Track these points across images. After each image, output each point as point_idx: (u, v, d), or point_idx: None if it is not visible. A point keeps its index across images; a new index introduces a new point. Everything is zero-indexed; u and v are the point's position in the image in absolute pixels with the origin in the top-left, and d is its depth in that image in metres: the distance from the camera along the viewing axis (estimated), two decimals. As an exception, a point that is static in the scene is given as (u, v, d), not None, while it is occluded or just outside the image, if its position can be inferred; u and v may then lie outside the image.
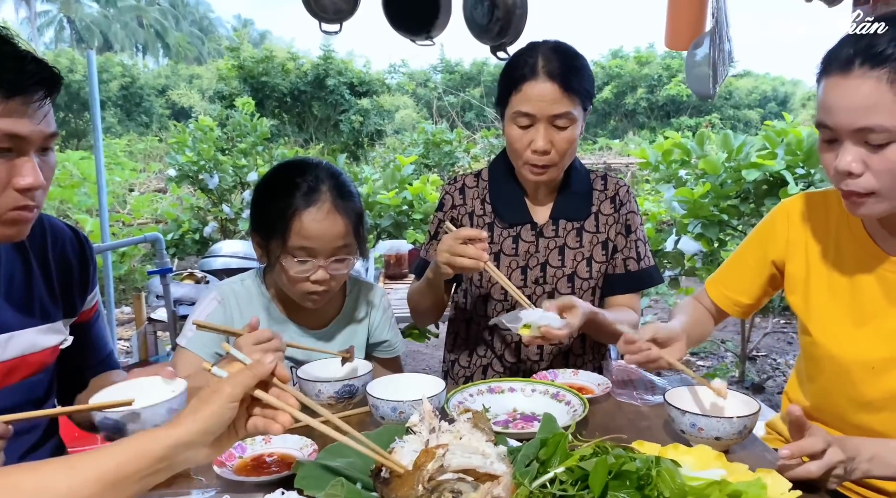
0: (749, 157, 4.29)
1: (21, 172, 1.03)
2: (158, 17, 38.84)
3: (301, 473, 1.03)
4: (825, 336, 1.29)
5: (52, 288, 1.27)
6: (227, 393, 0.86)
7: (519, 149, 1.62)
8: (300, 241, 1.46)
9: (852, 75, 1.06)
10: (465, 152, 8.96)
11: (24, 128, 1.01)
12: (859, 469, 1.07)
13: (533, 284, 1.74)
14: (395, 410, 1.25)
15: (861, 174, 1.09)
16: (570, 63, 1.58)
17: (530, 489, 0.94)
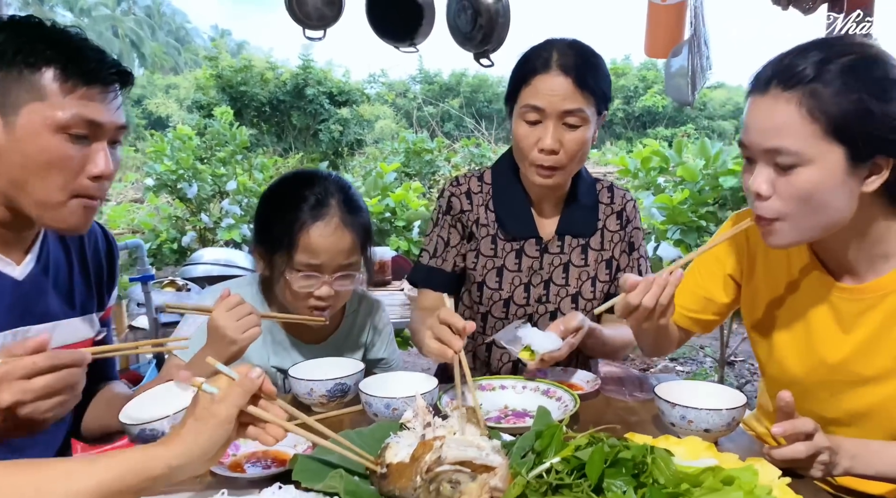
0: (726, 164, 4.37)
1: (95, 159, 1.09)
2: (134, 27, 38.49)
3: (298, 466, 1.03)
4: (784, 360, 1.30)
5: (88, 281, 1.32)
6: (223, 416, 0.87)
7: (525, 147, 1.53)
8: (306, 257, 1.45)
9: (768, 95, 1.07)
10: (445, 161, 9.00)
11: (100, 115, 1.09)
12: (841, 465, 1.09)
13: (536, 302, 1.67)
14: (389, 407, 1.25)
15: (769, 197, 1.09)
16: (586, 59, 1.51)
17: (527, 479, 0.95)
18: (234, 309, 1.32)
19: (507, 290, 1.66)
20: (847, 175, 1.06)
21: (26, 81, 1.05)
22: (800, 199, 1.07)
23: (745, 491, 0.87)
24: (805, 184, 1.06)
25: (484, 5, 2.94)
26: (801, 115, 1.04)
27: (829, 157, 1.05)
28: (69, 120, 1.06)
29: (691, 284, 1.44)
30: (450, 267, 1.70)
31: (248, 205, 7.43)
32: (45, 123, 1.05)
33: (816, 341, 1.25)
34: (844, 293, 1.22)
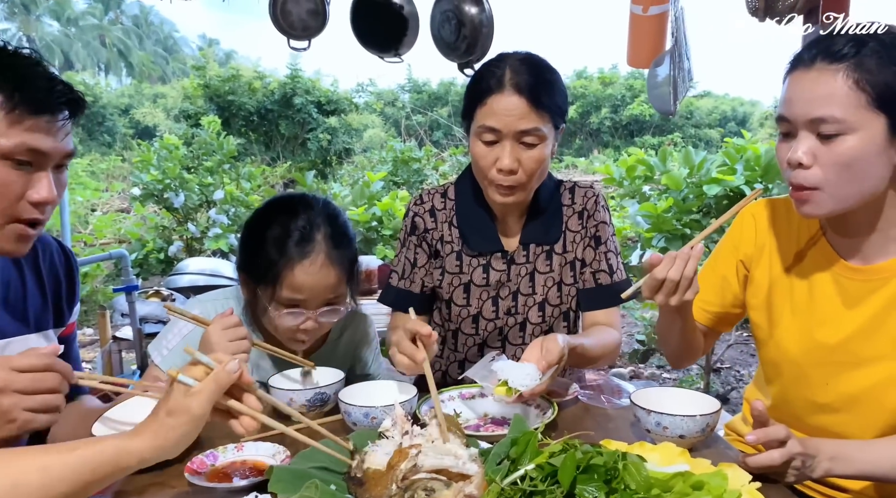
0: (710, 173, 4.43)
1: (36, 186, 1.08)
2: (121, 37, 38.34)
3: (274, 477, 1.03)
4: (784, 341, 1.33)
5: (44, 297, 1.30)
6: (196, 412, 0.88)
7: (484, 167, 1.51)
8: (291, 294, 1.43)
9: (813, 69, 1.13)
10: (433, 170, 9.02)
11: (46, 144, 1.07)
12: (820, 467, 1.11)
13: (505, 314, 1.66)
14: (368, 416, 1.26)
15: (810, 166, 1.14)
16: (540, 76, 1.48)
17: (501, 486, 0.96)
18: (231, 329, 1.33)
19: (476, 305, 1.66)
20: (887, 144, 1.12)
21: None
22: (842, 167, 1.12)
23: (713, 496, 0.88)
24: (848, 151, 1.11)
25: (467, 16, 2.96)
26: (847, 86, 1.10)
27: (872, 126, 1.10)
28: (13, 148, 1.04)
29: (710, 276, 1.47)
30: (418, 288, 1.69)
31: (236, 214, 7.42)
32: None
33: (819, 320, 1.29)
34: (851, 273, 1.26)
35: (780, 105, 1.20)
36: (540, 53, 1.56)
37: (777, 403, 1.40)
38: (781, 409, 1.38)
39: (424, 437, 1.10)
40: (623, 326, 6.23)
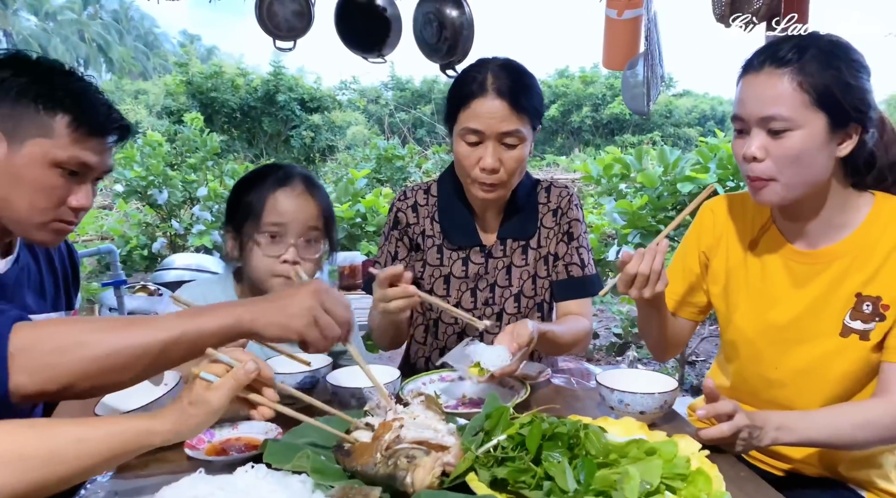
0: (684, 171, 4.56)
1: (77, 194, 1.26)
2: (101, 32, 37.86)
3: (268, 450, 1.12)
4: (740, 322, 1.46)
5: (56, 282, 1.45)
6: (215, 406, 0.97)
7: (467, 166, 1.61)
8: (274, 217, 1.57)
9: (762, 73, 1.27)
10: (417, 167, 9.10)
11: (93, 160, 1.25)
12: (768, 437, 1.22)
13: (483, 305, 1.76)
14: (354, 397, 1.36)
15: (763, 160, 1.27)
16: (519, 80, 1.57)
17: (476, 454, 1.06)
18: None
19: (455, 296, 1.76)
20: (827, 139, 1.25)
21: (40, 119, 1.19)
22: (790, 159, 1.25)
23: (664, 459, 0.99)
24: (795, 145, 1.24)
25: (448, 19, 3.06)
26: (792, 88, 1.23)
27: (814, 123, 1.24)
28: (66, 160, 1.22)
29: (678, 268, 1.60)
30: None
31: (219, 211, 7.45)
32: (46, 157, 1.20)
33: (771, 301, 1.42)
34: (799, 256, 1.39)
35: (734, 105, 1.33)
36: (521, 53, 1.68)
37: (735, 381, 1.52)
38: (739, 387, 1.50)
39: (407, 414, 1.20)
40: (601, 320, 6.39)
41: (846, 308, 1.32)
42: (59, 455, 0.87)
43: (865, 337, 1.30)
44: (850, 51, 1.27)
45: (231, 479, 1.01)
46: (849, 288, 1.32)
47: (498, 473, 1.00)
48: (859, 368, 1.32)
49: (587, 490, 0.95)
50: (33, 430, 0.90)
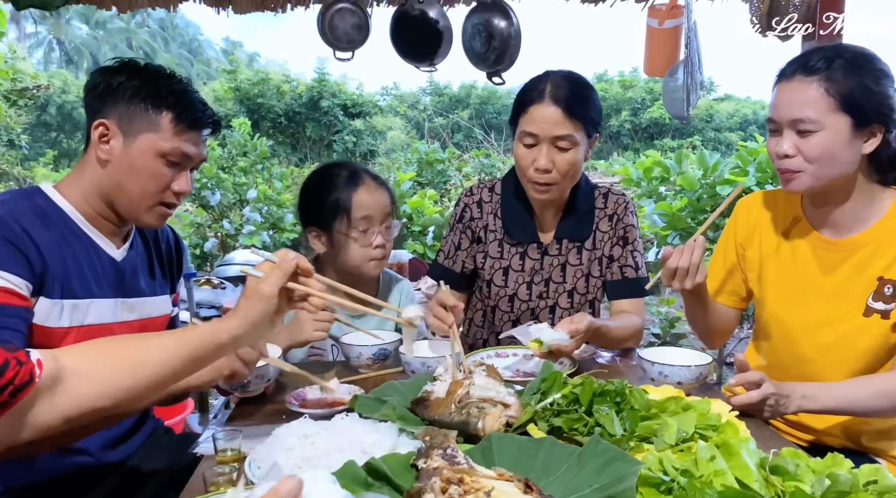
0: (723, 174, 4.66)
1: (179, 180, 1.45)
2: (148, 40, 39.08)
3: (359, 403, 1.32)
4: (773, 304, 1.62)
5: (163, 268, 1.65)
6: (266, 292, 1.05)
7: (524, 166, 1.76)
8: (362, 213, 1.83)
9: (794, 80, 1.45)
10: (457, 171, 9.28)
11: (192, 150, 1.45)
12: (793, 404, 1.38)
13: (537, 298, 1.92)
14: (424, 365, 1.55)
15: (793, 156, 1.45)
16: (576, 90, 1.72)
17: (535, 408, 1.24)
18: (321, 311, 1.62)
19: (512, 287, 1.93)
20: (851, 137, 1.41)
21: (149, 117, 1.40)
22: (817, 156, 1.42)
23: (698, 413, 1.16)
24: (821, 144, 1.41)
25: (497, 29, 3.24)
26: (819, 94, 1.40)
27: (838, 124, 1.40)
28: (171, 151, 1.41)
29: (720, 261, 1.76)
30: (459, 268, 1.98)
31: (268, 212, 7.76)
32: (153, 149, 1.40)
33: (801, 285, 1.58)
34: (827, 245, 1.56)
35: (769, 109, 1.52)
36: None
37: (769, 360, 1.67)
38: (773, 364, 1.65)
39: (470, 380, 1.39)
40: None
41: (869, 290, 1.48)
42: (145, 360, 0.99)
43: (886, 316, 1.45)
44: (875, 61, 1.44)
45: (331, 423, 1.22)
46: (872, 272, 1.48)
47: (555, 422, 1.19)
48: (880, 345, 1.47)
49: (631, 436, 1.13)
50: (119, 342, 1.05)
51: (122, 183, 1.41)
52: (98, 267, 1.45)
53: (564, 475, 1.01)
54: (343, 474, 0.95)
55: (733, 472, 0.96)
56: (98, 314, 1.42)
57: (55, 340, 1.33)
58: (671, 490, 0.93)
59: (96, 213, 1.45)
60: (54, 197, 1.42)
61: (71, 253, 1.39)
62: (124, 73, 1.42)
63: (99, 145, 1.40)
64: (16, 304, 1.26)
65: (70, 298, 1.37)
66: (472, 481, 0.92)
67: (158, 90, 1.41)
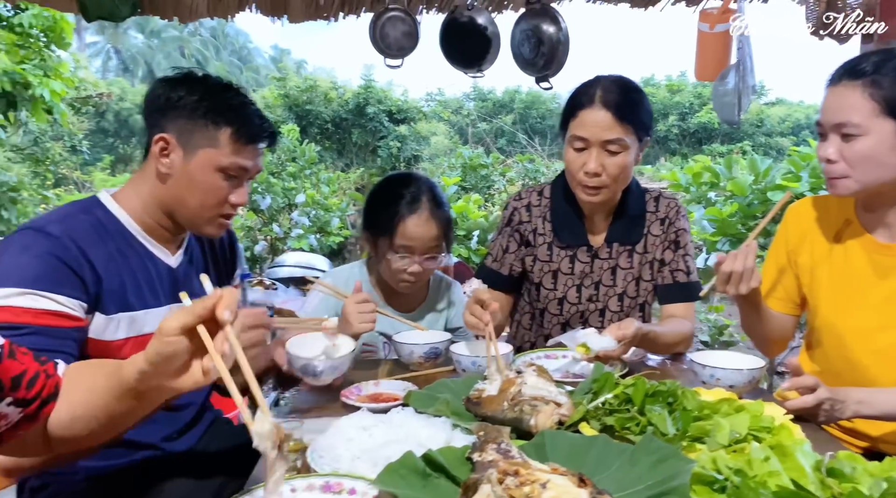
0: (775, 180, 4.57)
1: (237, 193, 1.50)
2: (200, 48, 40.20)
3: (413, 398, 1.37)
4: (826, 310, 1.61)
5: (218, 269, 1.72)
6: (163, 330, 0.86)
7: (573, 170, 1.77)
8: (403, 241, 1.84)
9: (840, 85, 1.45)
10: (500, 176, 9.31)
11: (249, 164, 1.49)
12: (849, 409, 1.37)
13: (587, 301, 1.93)
14: (475, 364, 1.59)
15: (837, 161, 1.44)
16: (626, 95, 1.73)
17: (587, 407, 1.26)
18: (362, 303, 1.70)
19: (562, 290, 1.95)
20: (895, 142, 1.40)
21: (209, 132, 1.44)
22: (860, 160, 1.42)
23: (751, 415, 1.16)
24: (865, 149, 1.42)
25: (546, 35, 3.26)
26: (863, 99, 1.41)
27: (883, 130, 1.40)
28: (229, 166, 1.46)
29: (772, 268, 1.75)
30: (507, 271, 2.00)
31: (315, 216, 7.93)
32: (212, 164, 1.45)
33: (854, 290, 1.57)
34: (881, 249, 1.54)
35: (819, 112, 1.50)
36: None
37: (822, 366, 1.65)
38: (826, 370, 1.63)
39: (521, 379, 1.42)
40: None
41: None
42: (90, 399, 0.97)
43: None
44: None
45: (387, 417, 1.26)
46: None
47: (607, 420, 1.20)
48: None
49: (683, 436, 1.14)
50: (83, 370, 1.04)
51: (182, 196, 1.46)
52: (154, 276, 1.50)
53: (617, 472, 1.02)
54: (403, 464, 1.00)
55: (788, 473, 0.97)
56: (154, 323, 1.45)
57: (112, 352, 1.40)
58: (724, 489, 0.95)
59: (154, 223, 1.50)
60: (112, 208, 1.47)
61: (127, 266, 1.44)
62: (184, 87, 1.46)
63: (159, 159, 1.44)
64: (67, 325, 1.31)
65: (126, 311, 1.43)
66: (527, 474, 0.95)
67: (217, 106, 1.44)
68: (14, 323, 1.25)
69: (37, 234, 1.34)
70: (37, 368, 0.94)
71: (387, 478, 0.97)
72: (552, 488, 0.91)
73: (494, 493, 0.91)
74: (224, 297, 0.88)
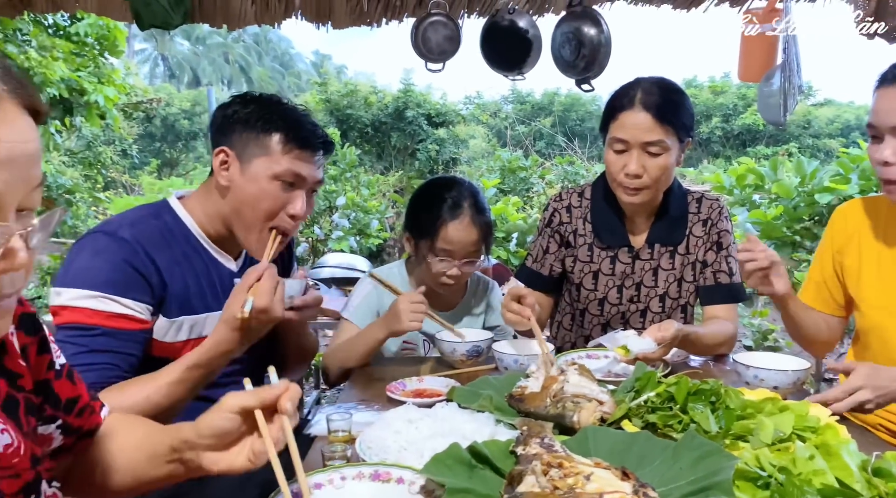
0: (822, 182, 4.48)
1: (294, 203, 1.48)
2: (243, 54, 41.11)
3: (456, 393, 1.40)
4: (872, 310, 1.59)
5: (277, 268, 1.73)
6: (227, 404, 0.89)
7: (614, 172, 1.78)
8: (444, 245, 1.87)
9: (893, 86, 1.42)
10: (539, 178, 9.29)
11: (305, 171, 1.48)
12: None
13: (628, 302, 1.94)
14: (517, 362, 1.61)
15: (894, 164, 1.41)
16: (667, 96, 1.74)
17: (629, 405, 1.28)
18: (416, 303, 1.74)
19: (602, 291, 1.95)
20: None
21: (260, 141, 1.47)
22: None
23: (796, 414, 1.16)
24: None
25: (587, 37, 3.25)
26: None
27: None
28: (283, 172, 1.46)
29: (817, 269, 1.75)
30: (547, 271, 2.02)
31: (355, 219, 8.04)
32: (267, 172, 1.46)
33: None
34: None
35: (869, 114, 1.49)
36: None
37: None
38: None
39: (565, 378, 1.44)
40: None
41: None
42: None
43: None
44: None
45: (433, 411, 1.30)
46: None
47: (649, 418, 1.22)
48: None
49: (727, 434, 1.14)
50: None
51: (239, 208, 1.48)
52: (216, 281, 1.54)
53: (659, 467, 1.04)
54: (449, 455, 1.03)
55: (833, 472, 0.97)
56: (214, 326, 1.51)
57: (173, 352, 1.45)
58: (768, 485, 0.95)
59: (216, 232, 1.55)
60: (180, 213, 1.53)
61: (191, 270, 1.49)
62: (239, 103, 1.52)
63: (220, 172, 1.49)
64: (134, 328, 1.38)
65: (188, 315, 1.48)
66: (570, 466, 0.97)
67: (269, 114, 1.48)
68: (86, 324, 1.32)
69: (109, 239, 1.40)
70: (88, 401, 0.97)
71: (434, 467, 1.00)
72: (596, 480, 0.93)
73: (539, 483, 0.93)
74: (290, 390, 0.91)
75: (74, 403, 0.95)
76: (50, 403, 0.91)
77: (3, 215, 0.66)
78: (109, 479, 0.99)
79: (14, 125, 0.67)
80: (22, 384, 0.85)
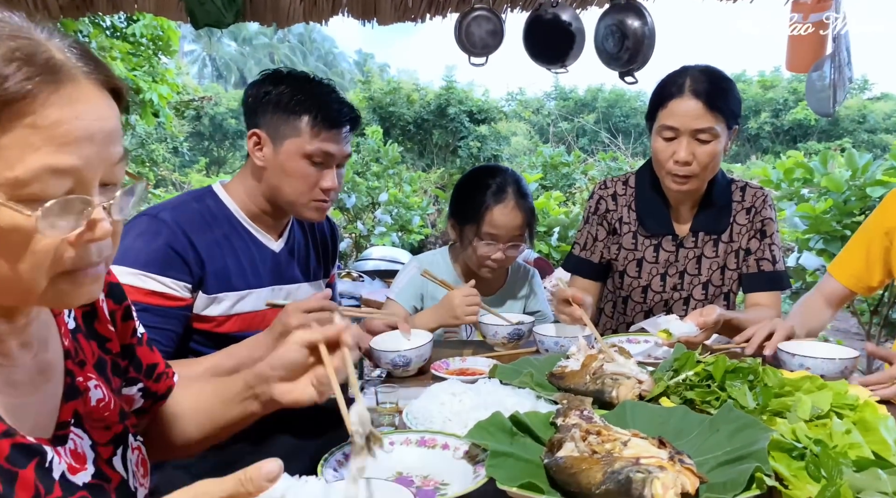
0: (875, 175, 4.35)
1: (326, 178, 1.57)
2: (288, 53, 41.82)
3: (499, 371, 1.45)
4: None
5: (318, 256, 1.83)
6: (296, 338, 0.96)
7: (662, 160, 1.79)
8: (489, 229, 1.93)
9: None
10: (582, 174, 9.25)
11: (333, 148, 1.57)
12: None
13: (671, 290, 1.96)
14: (557, 344, 1.65)
15: None
16: (716, 84, 1.75)
17: (668, 383, 1.31)
18: (469, 297, 1.80)
19: (646, 278, 1.97)
20: None
21: (291, 123, 1.54)
22: None
23: (835, 393, 1.18)
24: None
25: (631, 29, 3.25)
26: None
27: None
28: (313, 151, 1.54)
29: (857, 245, 1.77)
30: (597, 259, 2.04)
31: (397, 214, 8.15)
32: (298, 152, 1.54)
33: None
34: None
35: None
36: (697, 58, 1.87)
37: None
38: None
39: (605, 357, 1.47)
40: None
41: None
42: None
43: None
44: None
45: (476, 386, 1.35)
46: None
47: (687, 395, 1.25)
48: None
49: (764, 410, 1.17)
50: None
51: (278, 186, 1.57)
52: (258, 260, 1.62)
53: (696, 439, 1.07)
54: (491, 423, 1.08)
55: (870, 446, 0.99)
56: (254, 303, 1.61)
57: (214, 325, 1.55)
58: (803, 456, 0.98)
59: (258, 211, 1.63)
60: (223, 197, 1.62)
61: (231, 250, 1.58)
62: (269, 85, 1.58)
63: (255, 153, 1.58)
64: (172, 305, 1.47)
65: (228, 291, 1.57)
66: (608, 434, 1.01)
67: (297, 96, 1.54)
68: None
69: (150, 221, 1.50)
70: (164, 367, 1.05)
71: (476, 433, 1.06)
72: (633, 447, 0.97)
73: (578, 448, 0.98)
74: (351, 328, 0.98)
75: (153, 369, 1.03)
76: (133, 367, 0.99)
77: (86, 189, 0.70)
78: (187, 430, 1.06)
79: (92, 103, 0.70)
80: (110, 347, 0.94)
